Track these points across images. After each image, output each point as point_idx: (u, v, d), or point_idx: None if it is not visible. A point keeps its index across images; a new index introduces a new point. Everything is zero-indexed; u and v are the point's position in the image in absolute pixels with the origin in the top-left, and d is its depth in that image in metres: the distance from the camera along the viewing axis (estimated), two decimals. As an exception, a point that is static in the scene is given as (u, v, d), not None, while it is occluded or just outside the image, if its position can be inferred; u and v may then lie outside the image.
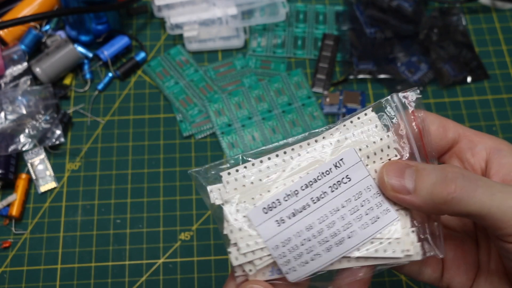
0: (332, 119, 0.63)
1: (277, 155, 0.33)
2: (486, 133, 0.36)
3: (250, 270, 0.32)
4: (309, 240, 0.32)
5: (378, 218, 0.33)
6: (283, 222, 0.32)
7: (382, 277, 0.55)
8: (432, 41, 0.66)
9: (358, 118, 0.34)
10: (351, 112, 0.63)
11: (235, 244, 0.32)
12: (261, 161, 0.33)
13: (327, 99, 0.63)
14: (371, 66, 0.65)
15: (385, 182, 0.32)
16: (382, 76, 0.64)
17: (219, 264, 0.55)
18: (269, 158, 0.33)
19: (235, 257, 0.32)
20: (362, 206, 0.33)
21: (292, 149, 0.33)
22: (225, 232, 0.32)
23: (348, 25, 0.67)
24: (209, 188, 0.33)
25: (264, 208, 0.32)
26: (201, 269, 0.55)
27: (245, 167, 0.33)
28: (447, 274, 0.36)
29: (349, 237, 0.32)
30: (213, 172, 0.33)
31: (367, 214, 0.33)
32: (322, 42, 0.67)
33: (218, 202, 0.33)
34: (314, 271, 0.32)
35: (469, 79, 0.65)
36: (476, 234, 0.37)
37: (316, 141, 0.34)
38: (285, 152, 0.33)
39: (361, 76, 0.64)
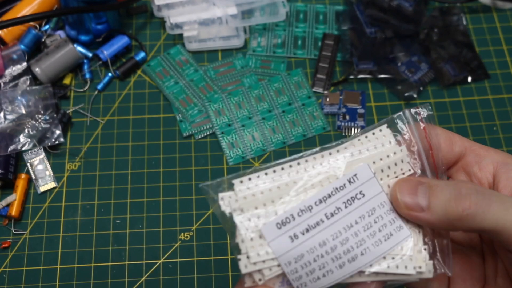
0: (332, 119, 0.63)
1: (290, 166, 0.33)
2: (492, 147, 0.36)
3: (260, 280, 0.32)
4: (322, 257, 0.32)
5: (392, 235, 0.32)
6: (297, 238, 0.32)
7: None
8: (433, 41, 0.66)
9: (373, 134, 0.34)
10: (351, 112, 0.63)
11: (246, 253, 0.32)
12: (274, 171, 0.33)
13: (327, 99, 0.63)
14: (371, 66, 0.65)
15: (398, 200, 0.32)
16: (382, 76, 0.64)
17: (219, 264, 0.55)
18: (282, 168, 0.33)
19: (244, 265, 0.32)
20: (376, 222, 0.32)
21: (306, 161, 0.33)
22: (236, 241, 0.32)
23: (348, 25, 0.67)
24: (220, 195, 0.33)
25: (278, 223, 0.32)
26: (201, 269, 0.55)
27: (258, 176, 0.33)
28: None
29: (362, 254, 0.32)
30: (224, 186, 0.33)
31: (380, 231, 0.32)
32: (322, 42, 0.67)
33: (228, 210, 0.32)
34: (325, 287, 0.32)
35: (469, 79, 0.65)
36: (482, 248, 0.37)
37: (330, 154, 0.33)
38: (298, 163, 0.33)
39: (361, 76, 0.64)
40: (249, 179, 0.33)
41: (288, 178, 0.33)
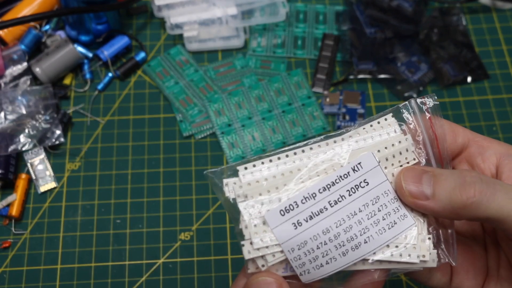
0: (332, 119, 0.63)
1: (295, 153, 0.33)
2: (495, 139, 0.36)
3: (263, 266, 0.32)
4: (325, 244, 0.32)
5: (395, 223, 0.32)
6: (300, 225, 0.32)
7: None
8: (432, 41, 0.66)
9: (378, 122, 0.34)
10: (351, 112, 0.63)
11: (249, 239, 0.32)
12: (279, 158, 0.33)
13: (327, 99, 0.63)
14: (371, 66, 0.65)
15: (403, 188, 0.32)
16: (382, 76, 0.64)
17: (219, 264, 0.55)
18: (287, 156, 0.33)
19: (247, 251, 0.32)
20: (380, 211, 0.32)
21: (311, 148, 0.33)
22: (240, 226, 0.32)
23: (348, 25, 0.67)
24: (224, 181, 0.33)
25: (281, 210, 0.32)
26: (201, 269, 0.55)
27: (262, 162, 0.33)
28: (456, 279, 0.36)
29: (366, 242, 0.32)
30: (229, 173, 0.33)
31: (384, 219, 0.32)
32: (322, 42, 0.67)
33: (232, 196, 0.33)
34: (328, 274, 0.32)
35: (469, 79, 0.65)
36: (485, 240, 0.37)
37: (335, 142, 0.33)
38: (303, 151, 0.33)
39: (361, 76, 0.64)
40: (254, 165, 0.33)
41: (293, 165, 0.33)
